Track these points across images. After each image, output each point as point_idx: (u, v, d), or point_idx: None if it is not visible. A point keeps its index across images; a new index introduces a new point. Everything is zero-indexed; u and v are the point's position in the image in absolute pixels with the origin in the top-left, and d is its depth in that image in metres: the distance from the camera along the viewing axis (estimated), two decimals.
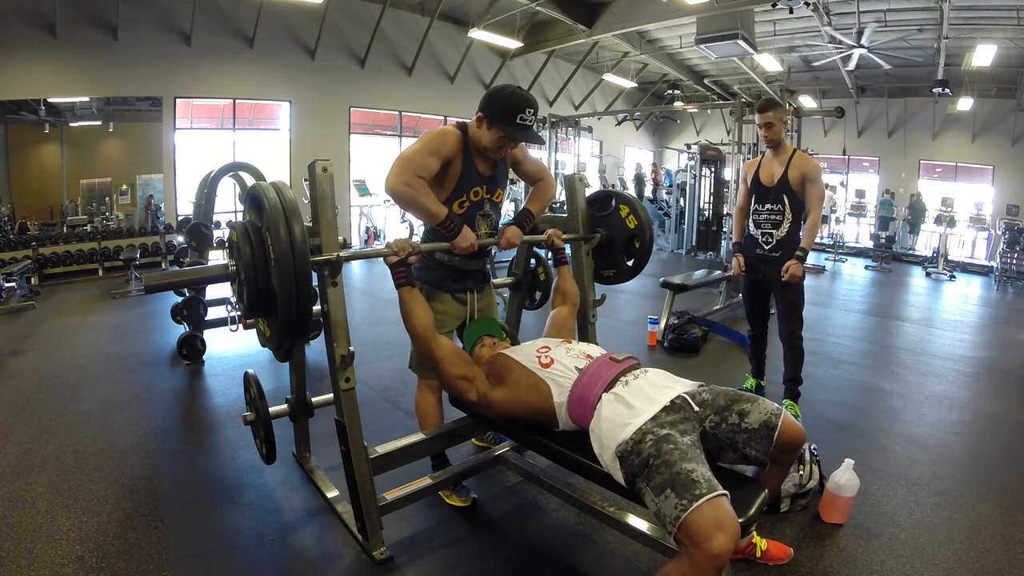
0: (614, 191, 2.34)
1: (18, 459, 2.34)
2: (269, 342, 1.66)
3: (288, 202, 1.46)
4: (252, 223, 1.55)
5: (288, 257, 1.41)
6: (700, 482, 1.17)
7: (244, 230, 1.53)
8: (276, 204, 1.45)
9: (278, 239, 1.41)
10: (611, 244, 2.33)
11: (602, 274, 2.43)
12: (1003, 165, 10.60)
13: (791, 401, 2.84)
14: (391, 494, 1.86)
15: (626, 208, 2.29)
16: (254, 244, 1.49)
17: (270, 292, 1.46)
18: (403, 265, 1.73)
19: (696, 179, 6.28)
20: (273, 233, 1.42)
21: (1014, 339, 5.04)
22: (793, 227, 2.77)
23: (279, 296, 1.42)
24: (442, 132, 1.79)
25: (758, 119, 2.80)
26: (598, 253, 2.38)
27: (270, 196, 1.47)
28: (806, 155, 2.79)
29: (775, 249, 2.79)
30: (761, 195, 2.83)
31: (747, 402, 1.44)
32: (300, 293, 1.43)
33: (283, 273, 1.41)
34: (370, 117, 9.70)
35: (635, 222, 2.27)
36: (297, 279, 1.42)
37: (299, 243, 1.42)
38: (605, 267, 2.41)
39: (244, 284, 1.51)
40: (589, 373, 1.54)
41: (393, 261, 1.71)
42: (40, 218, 6.54)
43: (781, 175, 2.75)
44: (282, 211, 1.44)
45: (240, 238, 1.52)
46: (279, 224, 1.42)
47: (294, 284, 1.41)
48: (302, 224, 1.46)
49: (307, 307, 1.46)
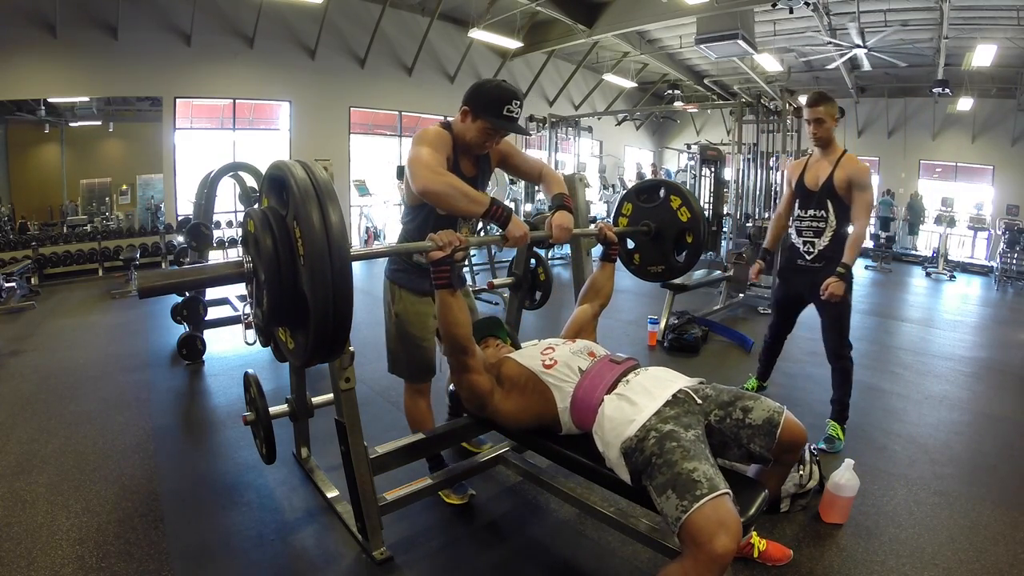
0: (664, 180, 2.17)
1: (18, 459, 2.34)
2: (293, 356, 1.35)
3: (321, 182, 1.18)
4: (273, 210, 1.27)
5: (324, 252, 1.12)
6: (702, 482, 1.16)
7: (264, 218, 1.23)
8: (306, 185, 1.16)
9: (310, 229, 1.12)
10: (660, 238, 2.15)
11: (649, 270, 2.26)
12: (1003, 165, 10.60)
13: (835, 423, 2.59)
14: (391, 494, 1.86)
15: (678, 199, 2.11)
16: (277, 236, 1.20)
17: (298, 296, 1.20)
18: (448, 263, 1.49)
19: (696, 179, 6.28)
20: (304, 221, 1.13)
21: (1014, 339, 5.04)
22: (836, 237, 2.52)
23: (311, 302, 1.15)
24: (437, 131, 1.74)
25: (807, 114, 2.52)
26: (644, 248, 2.23)
27: (298, 175, 1.18)
28: (855, 157, 2.52)
29: (816, 260, 2.56)
30: (804, 200, 2.60)
31: (750, 399, 1.45)
32: (338, 297, 1.15)
33: (317, 272, 1.12)
34: (370, 117, 9.70)
35: (688, 214, 2.10)
36: (335, 279, 1.13)
37: (336, 233, 1.14)
38: (653, 263, 2.23)
39: (265, 286, 1.22)
40: (590, 376, 1.53)
41: (437, 257, 1.46)
42: (40, 218, 6.54)
43: (826, 178, 2.50)
44: (314, 193, 1.15)
45: (259, 228, 1.22)
46: (311, 209, 1.13)
47: (331, 286, 1.13)
48: (339, 209, 1.18)
49: (346, 315, 1.18)
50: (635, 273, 2.34)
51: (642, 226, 2.19)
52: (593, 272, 2.07)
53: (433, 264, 1.48)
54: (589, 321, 1.94)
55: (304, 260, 1.15)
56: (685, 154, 8.23)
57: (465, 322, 1.54)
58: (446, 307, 1.51)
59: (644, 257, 2.26)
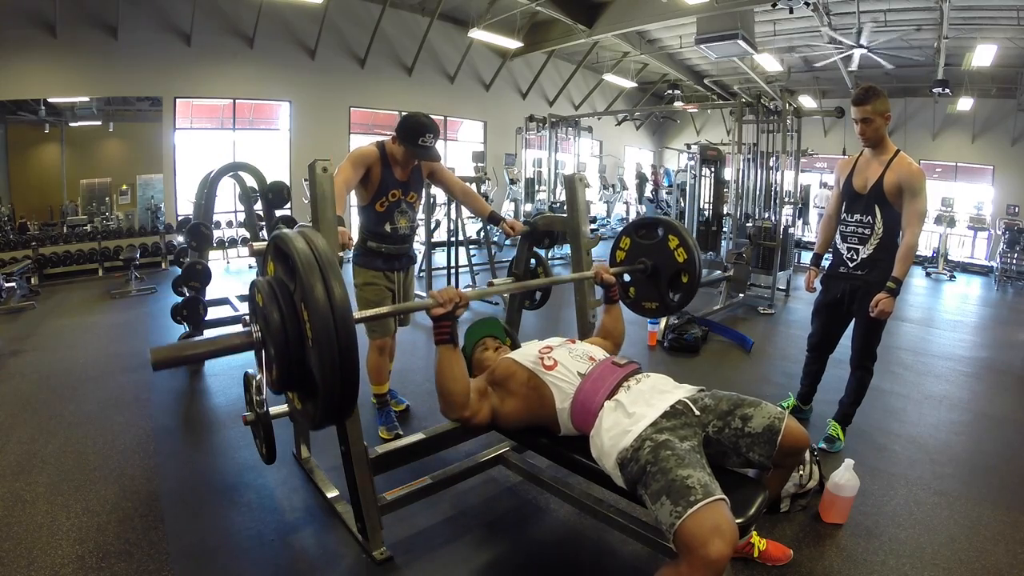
0: (663, 219, 2.17)
1: (18, 459, 2.34)
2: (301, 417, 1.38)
3: (323, 255, 1.19)
4: (279, 282, 1.27)
5: (330, 331, 1.13)
6: (695, 488, 1.16)
7: (271, 291, 1.24)
8: (309, 259, 1.16)
9: (316, 309, 1.13)
10: (656, 276, 2.18)
11: (643, 306, 2.27)
12: (1003, 165, 10.59)
13: (837, 424, 2.58)
14: (391, 494, 1.86)
15: (675, 239, 2.12)
16: (284, 311, 1.21)
17: (305, 367, 1.21)
18: (450, 319, 1.50)
19: (696, 179, 6.27)
20: (310, 302, 1.14)
21: (1014, 339, 5.04)
22: (883, 246, 2.35)
23: (319, 376, 1.16)
24: (362, 150, 2.29)
25: (854, 113, 2.31)
26: (640, 283, 2.25)
27: (299, 248, 1.18)
28: (908, 159, 2.31)
29: (859, 268, 2.42)
30: (851, 203, 2.43)
31: (750, 406, 1.44)
32: (346, 370, 1.16)
33: (325, 354, 1.13)
34: (370, 117, 9.70)
35: (684, 255, 2.11)
36: (342, 355, 1.14)
37: (341, 308, 1.15)
38: (647, 299, 2.25)
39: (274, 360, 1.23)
40: (592, 379, 1.53)
41: (439, 314, 1.48)
42: (40, 218, 6.53)
43: (876, 181, 2.32)
44: (318, 268, 1.16)
45: (267, 303, 1.22)
46: (316, 287, 1.14)
47: (339, 362, 1.14)
48: (342, 282, 1.19)
49: (353, 390, 1.21)
50: (629, 307, 2.32)
51: (638, 264, 2.19)
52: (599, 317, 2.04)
53: (435, 320, 1.49)
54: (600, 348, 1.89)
55: (312, 343, 1.16)
56: (685, 154, 8.22)
57: (462, 377, 1.53)
58: (446, 363, 1.51)
59: (639, 292, 2.27)
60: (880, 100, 2.27)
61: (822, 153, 10.34)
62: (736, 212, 5.97)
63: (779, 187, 5.79)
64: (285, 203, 3.86)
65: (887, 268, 2.32)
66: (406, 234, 2.47)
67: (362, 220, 2.44)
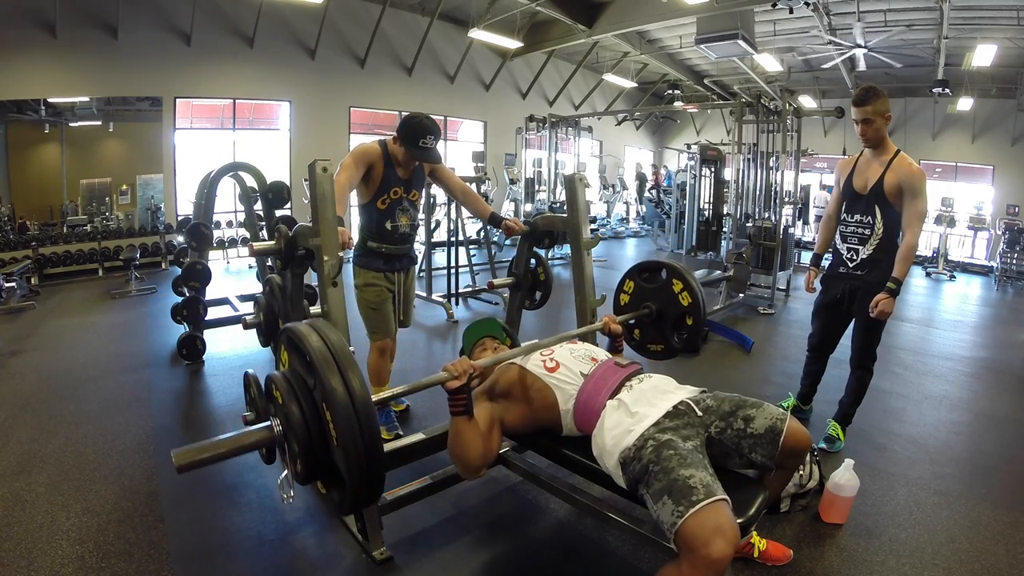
0: (666, 262, 2.20)
1: (18, 459, 2.34)
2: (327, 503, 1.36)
3: (337, 350, 1.16)
4: (297, 376, 1.24)
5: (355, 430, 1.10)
6: (697, 488, 1.16)
7: (289, 388, 1.21)
8: (325, 356, 1.14)
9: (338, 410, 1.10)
10: (661, 319, 2.18)
11: (648, 348, 2.27)
12: (1003, 165, 10.59)
13: (837, 424, 2.58)
14: (391, 494, 1.86)
15: (680, 284, 2.12)
16: (306, 409, 1.18)
17: (330, 461, 1.19)
18: (465, 391, 1.45)
19: (696, 179, 6.28)
20: (331, 402, 1.11)
21: (1014, 339, 5.04)
22: (883, 246, 2.36)
23: (346, 474, 1.14)
24: (365, 147, 2.28)
25: (854, 113, 2.31)
26: (645, 327, 2.26)
27: (314, 346, 1.16)
28: (909, 159, 2.31)
29: (858, 268, 2.43)
30: (851, 203, 2.43)
31: (752, 407, 1.43)
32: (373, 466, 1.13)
33: (351, 450, 1.10)
34: (370, 117, 9.70)
35: (689, 299, 2.12)
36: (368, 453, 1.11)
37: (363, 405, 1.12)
38: (652, 342, 2.25)
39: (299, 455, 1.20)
40: (594, 380, 1.53)
41: (453, 387, 1.43)
42: (40, 218, 6.53)
43: (876, 181, 2.32)
44: (335, 365, 1.13)
45: (286, 399, 1.20)
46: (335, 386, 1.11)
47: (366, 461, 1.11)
48: (361, 377, 1.15)
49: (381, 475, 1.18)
50: (635, 348, 2.32)
51: (643, 309, 2.20)
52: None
53: (450, 393, 1.45)
54: None
55: (337, 442, 1.13)
56: (685, 154, 8.23)
57: (478, 446, 1.49)
58: (460, 434, 1.47)
59: (644, 335, 2.27)
60: (880, 100, 2.27)
61: (822, 153, 10.34)
62: (736, 212, 5.98)
63: (779, 187, 5.79)
64: (285, 203, 3.86)
65: (887, 268, 2.32)
66: (407, 233, 2.46)
67: (363, 219, 2.43)
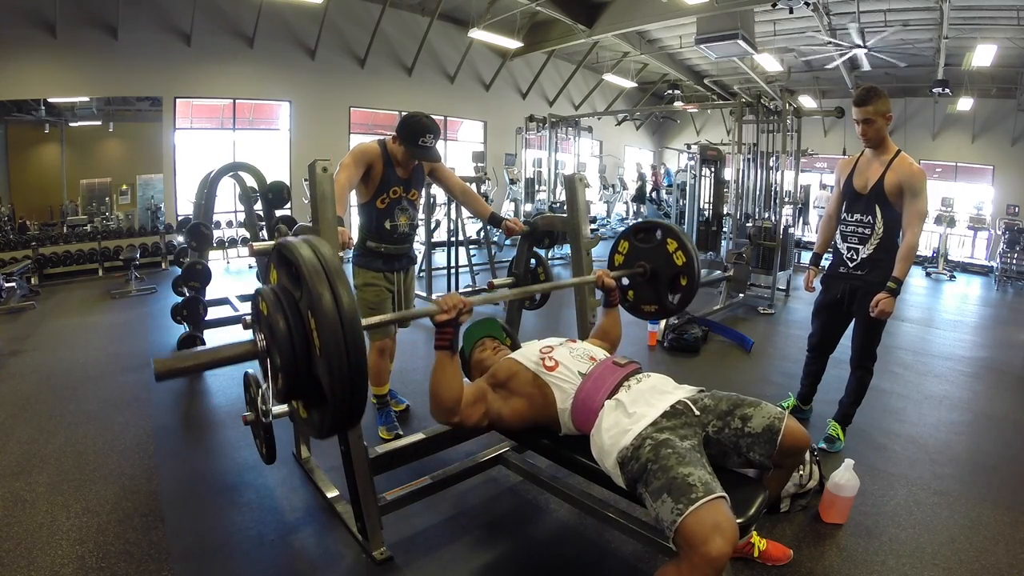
0: (661, 222, 2.19)
1: (18, 459, 2.34)
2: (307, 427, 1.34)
3: (329, 263, 1.16)
4: (284, 290, 1.23)
5: (339, 344, 1.10)
6: (696, 486, 1.16)
7: (275, 299, 1.21)
8: (315, 268, 1.13)
9: (324, 317, 1.10)
10: (656, 279, 2.17)
11: (642, 309, 2.26)
12: (1003, 165, 10.59)
13: (837, 424, 2.58)
14: (391, 494, 1.86)
15: (674, 243, 2.11)
16: (290, 320, 1.17)
17: (312, 377, 1.18)
18: (452, 325, 1.47)
19: (696, 179, 6.27)
20: (317, 310, 1.10)
21: (1014, 339, 5.04)
22: (883, 246, 2.36)
23: (328, 390, 1.13)
24: (364, 146, 2.28)
25: (855, 113, 2.31)
26: (639, 287, 2.24)
27: (305, 256, 1.15)
28: (909, 159, 2.31)
29: (858, 267, 2.42)
30: (851, 203, 2.43)
31: (750, 407, 1.44)
32: (355, 380, 1.13)
33: (334, 363, 1.10)
34: (370, 117, 9.70)
35: (683, 258, 2.09)
36: (352, 364, 1.11)
37: (350, 316, 1.12)
38: (646, 302, 2.24)
39: (280, 369, 1.20)
40: (593, 379, 1.54)
41: (443, 320, 1.45)
42: (40, 218, 6.53)
43: (876, 181, 2.32)
44: (324, 275, 1.13)
45: (272, 311, 1.19)
46: (324, 296, 1.10)
47: (347, 372, 1.11)
48: (349, 290, 1.16)
49: (362, 398, 1.17)
50: (628, 310, 2.31)
51: (638, 267, 2.19)
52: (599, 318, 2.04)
53: (438, 326, 1.46)
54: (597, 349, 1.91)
55: (320, 352, 1.12)
56: (685, 154, 8.23)
57: (456, 387, 1.50)
58: (441, 370, 1.48)
59: (638, 295, 2.26)
60: (881, 100, 2.27)
61: (822, 153, 10.34)
62: (736, 212, 5.97)
63: (779, 187, 5.79)
64: (285, 203, 3.86)
65: (887, 268, 2.31)
66: (406, 232, 2.46)
67: (362, 218, 2.43)
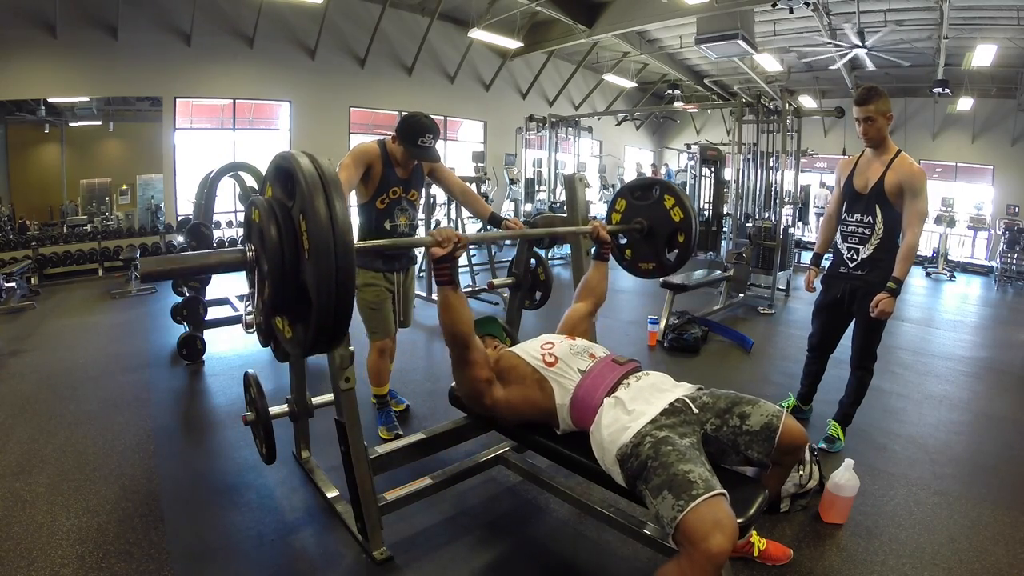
0: (658, 179, 2.17)
1: (18, 459, 2.34)
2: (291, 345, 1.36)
3: (327, 173, 1.18)
4: (278, 201, 1.26)
5: (328, 243, 1.12)
6: (697, 482, 1.17)
7: (269, 208, 1.23)
8: (313, 175, 1.16)
9: (316, 221, 1.12)
10: (653, 236, 2.15)
11: (640, 267, 2.25)
12: (1003, 165, 10.59)
13: (837, 424, 2.58)
14: (391, 494, 1.86)
15: (671, 199, 2.10)
16: (283, 227, 1.20)
17: (300, 287, 1.21)
18: (449, 260, 1.52)
19: (696, 179, 6.28)
20: (310, 214, 1.13)
21: (1014, 339, 5.04)
22: (883, 246, 2.35)
23: (314, 295, 1.15)
24: (364, 147, 2.28)
25: (856, 112, 2.32)
26: (636, 245, 2.23)
27: (303, 165, 1.17)
28: (909, 159, 2.31)
29: (859, 267, 2.42)
30: (852, 203, 2.43)
31: (748, 404, 1.44)
32: (341, 290, 1.16)
33: (322, 266, 1.12)
34: (370, 117, 9.70)
35: (680, 214, 2.08)
36: (339, 272, 1.14)
37: (342, 225, 1.14)
38: (644, 260, 2.22)
39: (267, 276, 1.22)
40: (592, 376, 1.54)
41: (438, 255, 1.50)
42: (40, 218, 6.53)
43: (877, 181, 2.32)
44: (320, 184, 1.15)
45: (264, 218, 1.22)
46: (318, 202, 1.13)
47: (335, 278, 1.14)
48: (344, 201, 1.17)
49: (348, 307, 1.19)
50: (626, 268, 2.32)
51: (635, 223, 2.18)
52: (587, 271, 2.06)
53: (435, 262, 1.51)
54: (583, 319, 1.94)
55: (309, 254, 1.15)
56: (685, 154, 8.24)
57: (467, 318, 1.55)
58: (447, 303, 1.53)
59: (636, 253, 2.26)
60: (882, 100, 2.28)
61: (822, 153, 10.34)
62: (736, 212, 5.98)
63: (779, 187, 5.79)
64: None
65: (887, 268, 2.31)
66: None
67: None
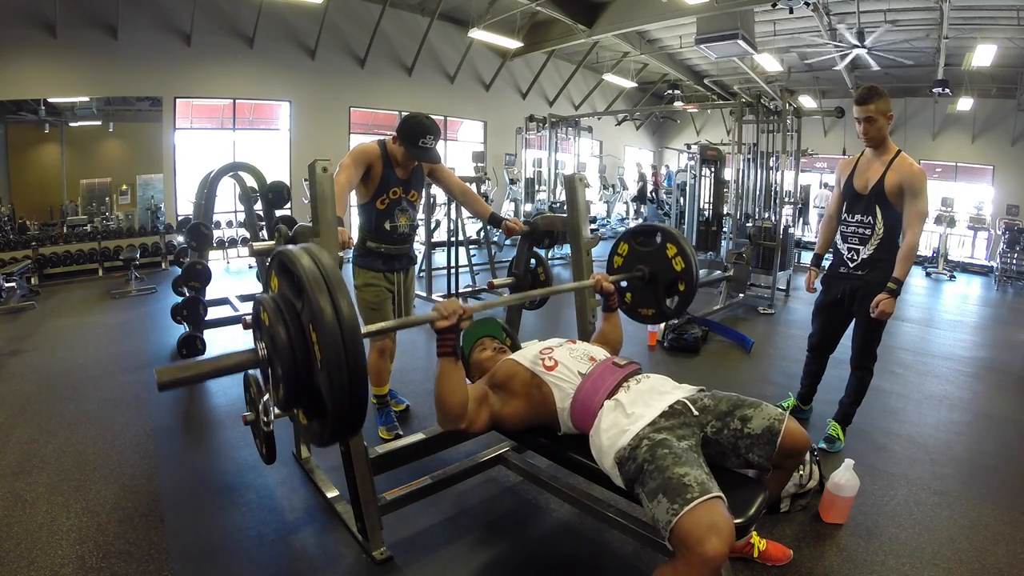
0: (661, 226, 2.20)
1: (18, 459, 2.34)
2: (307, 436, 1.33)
3: (328, 272, 1.15)
4: (284, 298, 1.23)
5: (340, 353, 1.09)
6: (692, 486, 1.16)
7: (276, 309, 1.21)
8: (316, 278, 1.13)
9: (325, 328, 1.09)
10: (654, 283, 2.17)
11: (640, 312, 2.26)
12: (1003, 165, 10.59)
13: (837, 424, 2.59)
14: (391, 494, 1.87)
15: (674, 248, 2.10)
16: (291, 330, 1.18)
17: (313, 387, 1.18)
18: (453, 332, 1.47)
19: (696, 179, 6.28)
20: (318, 321, 1.10)
21: (1014, 339, 5.04)
22: (883, 246, 2.36)
23: (329, 399, 1.13)
24: (364, 147, 2.28)
25: (857, 112, 2.32)
26: (637, 290, 2.24)
27: (305, 266, 1.14)
28: (909, 160, 2.32)
29: (859, 268, 2.43)
30: (852, 203, 2.43)
31: (750, 407, 1.43)
32: (356, 392, 1.12)
33: (335, 373, 1.10)
34: (370, 117, 9.70)
35: (682, 264, 2.09)
36: (352, 377, 1.11)
37: (350, 328, 1.11)
38: (644, 305, 2.23)
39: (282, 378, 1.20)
40: (592, 379, 1.53)
41: (442, 327, 1.45)
42: (40, 218, 6.53)
43: (877, 181, 2.32)
44: (325, 286, 1.12)
45: (273, 321, 1.19)
46: (324, 306, 1.10)
47: (349, 385, 1.11)
48: (350, 301, 1.15)
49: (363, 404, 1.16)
50: (626, 312, 2.30)
51: (636, 271, 2.18)
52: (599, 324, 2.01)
53: (439, 332, 1.46)
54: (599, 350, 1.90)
55: (321, 364, 1.12)
56: (685, 154, 8.23)
57: (461, 390, 1.51)
58: (446, 376, 1.48)
59: (636, 299, 2.26)
60: (883, 100, 2.28)
61: (822, 153, 10.34)
62: (736, 212, 5.97)
63: (779, 187, 5.79)
64: (285, 203, 3.86)
65: (888, 268, 2.31)
66: (406, 233, 2.45)
67: (362, 219, 2.43)
